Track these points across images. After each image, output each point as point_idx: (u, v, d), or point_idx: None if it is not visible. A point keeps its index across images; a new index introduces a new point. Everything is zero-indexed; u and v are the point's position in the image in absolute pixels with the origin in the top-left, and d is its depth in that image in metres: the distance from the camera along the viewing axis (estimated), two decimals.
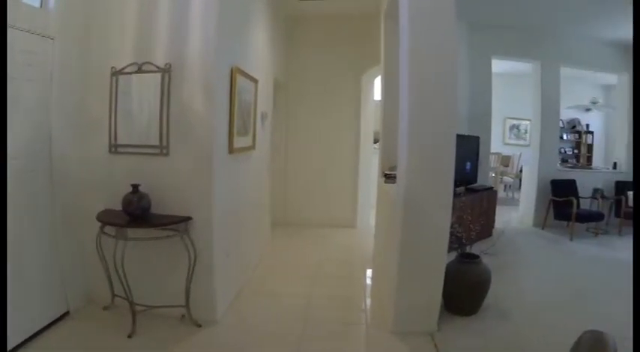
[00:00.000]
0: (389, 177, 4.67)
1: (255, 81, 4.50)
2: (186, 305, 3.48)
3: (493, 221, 7.20)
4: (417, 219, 3.47)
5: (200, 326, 3.48)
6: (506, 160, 11.74)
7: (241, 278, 4.46)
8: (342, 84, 7.27)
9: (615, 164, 8.77)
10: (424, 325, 3.62)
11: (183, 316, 3.55)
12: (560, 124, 10.20)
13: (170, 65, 3.38)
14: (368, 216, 7.59)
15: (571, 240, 7.18)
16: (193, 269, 3.43)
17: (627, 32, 7.37)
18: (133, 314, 3.29)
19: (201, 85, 3.40)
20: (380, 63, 5.77)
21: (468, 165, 6.81)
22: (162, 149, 3.42)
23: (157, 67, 3.38)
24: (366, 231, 7.04)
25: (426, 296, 3.61)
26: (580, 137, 12.53)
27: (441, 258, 3.59)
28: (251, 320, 3.76)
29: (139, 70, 3.39)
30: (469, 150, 6.83)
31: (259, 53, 4.93)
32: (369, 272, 5.29)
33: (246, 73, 4.15)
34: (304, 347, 3.34)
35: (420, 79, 3.40)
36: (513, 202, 10.48)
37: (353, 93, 7.32)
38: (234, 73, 3.76)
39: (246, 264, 4.71)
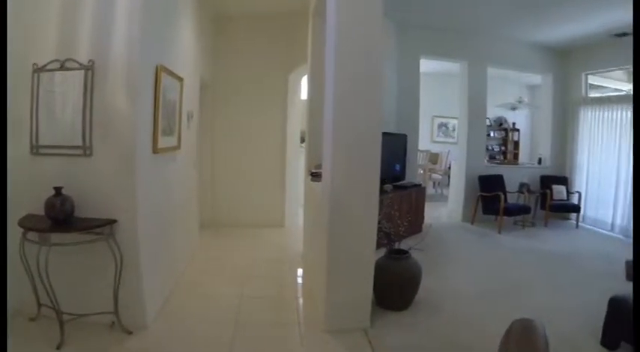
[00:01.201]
0: (315, 176, 4.85)
1: (181, 79, 4.59)
2: (116, 312, 3.50)
3: (422, 217, 7.65)
4: (344, 215, 3.69)
5: (131, 332, 3.51)
6: (434, 158, 12.38)
7: (170, 280, 4.55)
8: (269, 83, 7.49)
9: (540, 159, 9.63)
10: (357, 322, 3.83)
11: (113, 323, 3.56)
12: (488, 122, 10.93)
13: (93, 62, 3.41)
14: (296, 215, 7.87)
15: (499, 233, 7.79)
16: (120, 274, 3.47)
17: (549, 36, 8.24)
18: (61, 324, 3.26)
19: (124, 83, 3.46)
20: (307, 61, 5.94)
21: (396, 162, 7.17)
22: (85, 149, 3.45)
23: (80, 64, 3.40)
24: (295, 230, 7.30)
25: (357, 293, 3.82)
26: (507, 134, 13.45)
27: (370, 254, 3.82)
28: (182, 323, 3.84)
29: (62, 67, 3.41)
30: (397, 147, 7.24)
31: (185, 52, 5.04)
32: (299, 271, 5.50)
33: (172, 72, 4.24)
34: (237, 348, 3.46)
35: (346, 77, 3.62)
36: (442, 198, 11.09)
37: (280, 92, 7.57)
38: (158, 72, 3.84)
39: (175, 266, 4.80)
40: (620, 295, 3.58)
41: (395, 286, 4.21)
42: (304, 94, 7.41)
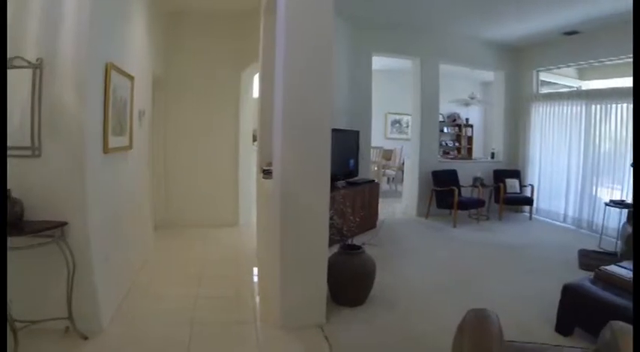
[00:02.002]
0: (267, 173, 4.94)
1: (132, 77, 4.60)
2: (70, 317, 3.48)
3: (376, 213, 7.87)
4: (295, 212, 3.81)
5: (86, 337, 3.49)
6: (388, 154, 12.71)
7: (125, 282, 4.58)
8: (222, 80, 7.57)
9: (493, 154, 10.02)
10: (312, 318, 3.95)
11: (67, 328, 3.53)
12: (441, 118, 11.29)
13: (42, 60, 3.40)
14: (250, 213, 7.96)
15: (454, 227, 8.12)
16: (73, 277, 3.45)
17: (501, 33, 8.70)
18: (14, 332, 3.19)
19: (73, 81, 3.46)
20: (259, 59, 6.02)
21: (348, 158, 7.38)
22: (34, 150, 3.42)
23: (28, 62, 3.38)
24: (249, 228, 7.45)
25: (311, 289, 3.95)
26: (460, 130, 13.95)
27: (322, 249, 3.96)
28: (139, 326, 3.87)
29: (10, 66, 3.35)
30: (349, 144, 7.45)
31: (137, 49, 5.05)
32: (255, 269, 5.61)
33: (122, 70, 4.26)
34: (194, 349, 3.51)
35: (296, 71, 3.74)
36: (397, 194, 11.42)
37: (233, 91, 7.68)
38: (108, 70, 3.85)
39: (130, 268, 4.83)
40: (574, 283, 3.85)
41: (349, 282, 4.34)
42: (256, 93, 7.48)
